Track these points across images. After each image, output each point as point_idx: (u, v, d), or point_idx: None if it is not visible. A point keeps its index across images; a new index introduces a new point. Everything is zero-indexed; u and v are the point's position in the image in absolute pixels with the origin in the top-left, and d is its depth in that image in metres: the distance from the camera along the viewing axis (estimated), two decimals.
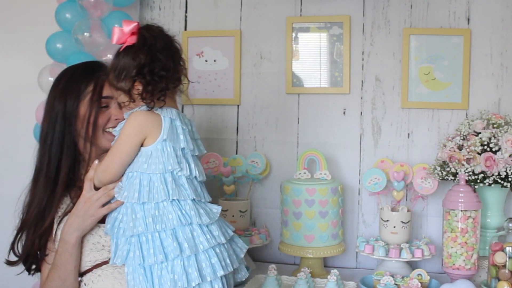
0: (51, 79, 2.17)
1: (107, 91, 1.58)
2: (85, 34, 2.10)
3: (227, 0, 2.37)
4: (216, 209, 1.49)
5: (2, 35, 2.56)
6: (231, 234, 1.52)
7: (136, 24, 1.44)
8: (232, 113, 2.37)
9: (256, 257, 2.29)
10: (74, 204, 1.55)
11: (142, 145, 1.44)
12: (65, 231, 1.52)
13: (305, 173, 2.16)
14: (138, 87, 1.43)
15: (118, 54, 1.45)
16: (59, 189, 1.58)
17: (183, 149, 1.46)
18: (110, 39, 2.14)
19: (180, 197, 1.41)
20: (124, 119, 1.53)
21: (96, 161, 1.52)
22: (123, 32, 1.43)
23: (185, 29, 2.42)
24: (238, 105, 2.37)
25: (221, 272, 1.40)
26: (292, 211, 2.04)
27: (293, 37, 2.31)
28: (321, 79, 2.30)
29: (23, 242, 1.60)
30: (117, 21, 2.20)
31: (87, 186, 1.51)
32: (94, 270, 1.55)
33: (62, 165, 1.58)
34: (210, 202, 1.52)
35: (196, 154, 1.51)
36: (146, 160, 1.42)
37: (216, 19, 2.39)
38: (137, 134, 1.43)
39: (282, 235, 2.12)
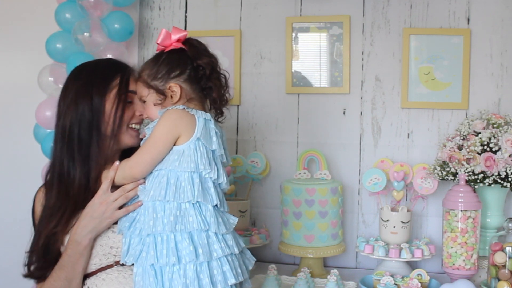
0: (51, 79, 2.18)
1: (132, 86, 1.55)
2: (85, 34, 2.10)
3: (227, 0, 2.37)
4: (233, 220, 1.47)
5: (2, 35, 2.57)
6: (243, 245, 1.51)
7: (186, 33, 1.46)
8: (232, 113, 2.36)
9: (256, 257, 2.23)
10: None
11: (174, 144, 1.42)
12: (78, 232, 1.46)
13: (305, 173, 2.16)
14: (174, 89, 1.44)
15: (161, 54, 1.46)
16: (92, 187, 1.50)
17: (213, 151, 1.44)
18: (110, 39, 2.19)
19: (204, 200, 1.39)
20: (146, 116, 1.52)
21: (117, 162, 1.48)
22: (170, 36, 1.45)
23: (185, 29, 2.41)
24: (238, 105, 2.36)
25: (232, 281, 1.38)
26: (292, 211, 2.04)
27: (293, 37, 2.30)
28: (321, 79, 2.30)
29: (52, 246, 1.51)
30: (117, 21, 2.21)
31: (105, 186, 1.46)
32: (99, 273, 1.51)
33: (92, 161, 1.50)
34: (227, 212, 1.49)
35: (223, 161, 1.49)
36: (178, 158, 1.39)
37: (216, 19, 2.39)
38: (171, 132, 1.40)
39: (282, 235, 2.12)
